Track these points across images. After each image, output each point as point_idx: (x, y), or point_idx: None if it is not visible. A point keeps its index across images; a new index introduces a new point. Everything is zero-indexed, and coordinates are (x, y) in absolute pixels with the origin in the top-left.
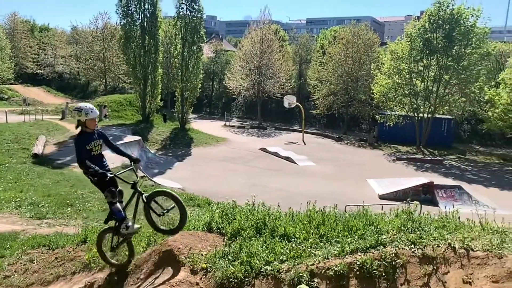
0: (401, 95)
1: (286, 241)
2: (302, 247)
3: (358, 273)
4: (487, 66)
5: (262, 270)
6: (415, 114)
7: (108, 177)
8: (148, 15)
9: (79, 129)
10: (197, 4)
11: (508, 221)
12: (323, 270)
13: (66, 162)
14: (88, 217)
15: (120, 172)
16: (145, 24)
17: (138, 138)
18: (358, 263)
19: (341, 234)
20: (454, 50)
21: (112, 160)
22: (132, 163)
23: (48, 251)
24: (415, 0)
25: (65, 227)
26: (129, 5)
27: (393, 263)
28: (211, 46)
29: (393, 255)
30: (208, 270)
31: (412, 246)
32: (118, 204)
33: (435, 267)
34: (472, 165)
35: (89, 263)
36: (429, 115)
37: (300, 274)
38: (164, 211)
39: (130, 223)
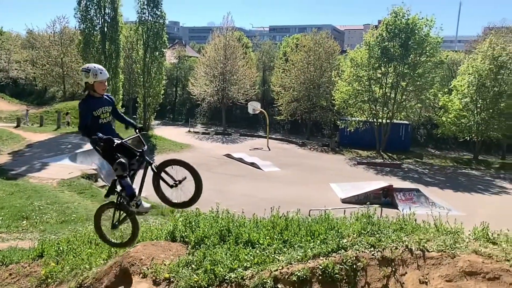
0: (360, 101)
1: (250, 248)
2: (266, 253)
3: (320, 277)
4: (440, 73)
5: (226, 277)
6: (374, 120)
7: (115, 143)
8: (109, 20)
9: (86, 93)
10: (159, 9)
11: (461, 221)
12: (287, 276)
13: (21, 173)
14: (45, 230)
15: (127, 139)
16: (105, 29)
17: None
18: (320, 267)
19: (304, 239)
20: (410, 58)
21: (71, 169)
22: (137, 131)
23: (1, 267)
24: (373, 9)
25: (20, 241)
26: (89, 9)
27: (354, 266)
28: (174, 52)
29: (354, 258)
30: (171, 280)
31: (372, 249)
32: (128, 179)
33: (393, 269)
34: (428, 168)
35: (46, 278)
36: (388, 121)
37: (264, 280)
38: (177, 182)
39: (141, 201)
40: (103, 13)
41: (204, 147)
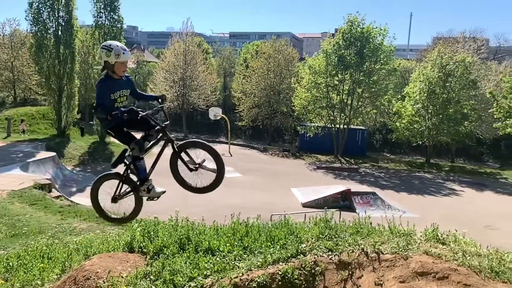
0: (319, 107)
1: (210, 256)
2: (226, 260)
3: (280, 283)
4: (394, 80)
5: (185, 287)
6: (332, 125)
7: (140, 115)
8: (63, 23)
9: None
10: (117, 14)
11: (415, 223)
12: (247, 282)
13: None
14: None
15: (149, 112)
16: (59, 33)
17: (52, 154)
18: (280, 273)
19: (264, 245)
20: (365, 66)
21: (22, 180)
22: (158, 101)
23: None
24: (330, 18)
25: None
26: (41, 11)
27: (313, 271)
28: (132, 57)
29: (313, 263)
30: None
31: (330, 253)
32: (144, 161)
33: (350, 272)
34: (384, 172)
35: None
36: (345, 126)
37: None
38: (197, 166)
39: (153, 185)
40: (56, 16)
41: (166, 153)
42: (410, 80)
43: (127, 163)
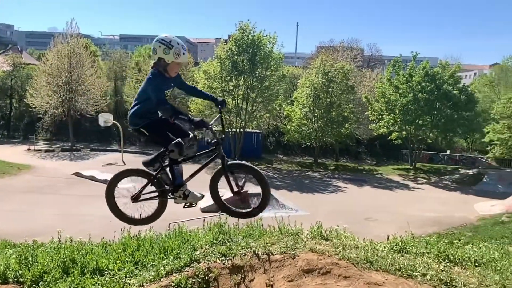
0: (215, 112)
1: (99, 276)
2: (116, 279)
3: None
4: (284, 86)
5: None
6: (229, 129)
7: (207, 124)
8: None
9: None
10: None
11: (305, 220)
12: None
13: None
14: None
15: (212, 122)
16: None
17: None
18: (173, 284)
19: (157, 257)
20: (257, 72)
21: None
22: (219, 107)
23: None
24: (223, 23)
25: None
26: None
27: (206, 278)
28: (7, 59)
29: (206, 269)
30: None
31: (223, 258)
32: (181, 166)
33: (243, 276)
34: (278, 173)
35: None
36: (241, 130)
37: None
38: (240, 189)
39: (189, 191)
40: None
41: (48, 166)
42: (298, 85)
43: (163, 165)
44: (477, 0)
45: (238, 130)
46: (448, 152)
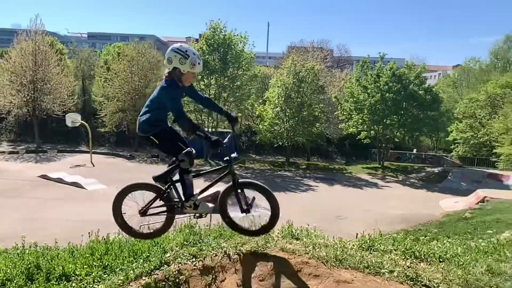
0: (187, 111)
1: (65, 282)
2: (83, 284)
3: None
4: (255, 86)
5: None
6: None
7: (223, 144)
8: None
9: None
10: None
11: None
12: None
13: None
14: None
15: (226, 140)
16: None
17: None
18: None
19: (127, 261)
20: (229, 72)
21: None
22: (231, 123)
23: None
24: (194, 22)
25: None
26: None
27: (177, 280)
28: None
29: (177, 272)
30: None
31: (194, 259)
32: (191, 176)
33: (214, 277)
34: (250, 172)
35: None
36: (213, 129)
37: None
38: (249, 207)
39: (200, 200)
40: None
41: (12, 169)
42: (269, 85)
43: (173, 179)
44: (441, 3)
45: (210, 129)
46: (414, 151)
